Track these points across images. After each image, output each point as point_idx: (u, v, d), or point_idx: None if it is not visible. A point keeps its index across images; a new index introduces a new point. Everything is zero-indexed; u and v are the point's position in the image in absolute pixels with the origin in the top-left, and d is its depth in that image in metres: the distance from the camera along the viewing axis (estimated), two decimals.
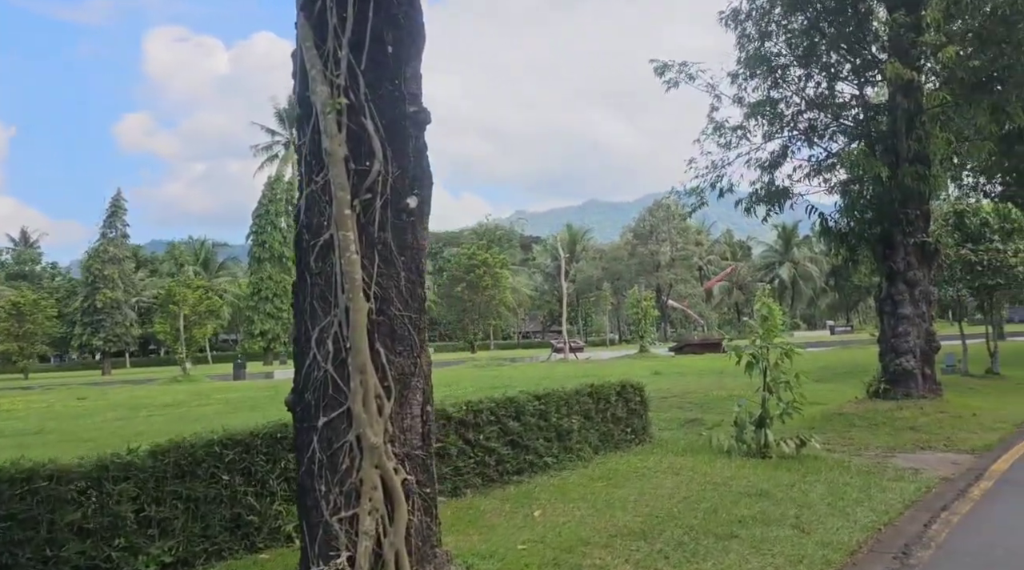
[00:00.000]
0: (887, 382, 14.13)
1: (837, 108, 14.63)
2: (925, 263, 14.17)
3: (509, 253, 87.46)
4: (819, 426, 13.09)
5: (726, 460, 9.48)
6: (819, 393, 18.54)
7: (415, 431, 4.25)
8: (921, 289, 14.03)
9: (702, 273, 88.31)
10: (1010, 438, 11.27)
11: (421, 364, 4.30)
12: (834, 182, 14.69)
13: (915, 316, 13.99)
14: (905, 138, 13.06)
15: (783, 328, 10.50)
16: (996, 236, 18.97)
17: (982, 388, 17.63)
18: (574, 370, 31.45)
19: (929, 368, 14.09)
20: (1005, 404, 14.94)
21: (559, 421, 9.64)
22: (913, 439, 11.57)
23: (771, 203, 15.00)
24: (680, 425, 13.90)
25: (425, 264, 4.40)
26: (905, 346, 13.92)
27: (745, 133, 15.10)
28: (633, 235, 76.04)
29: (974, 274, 18.88)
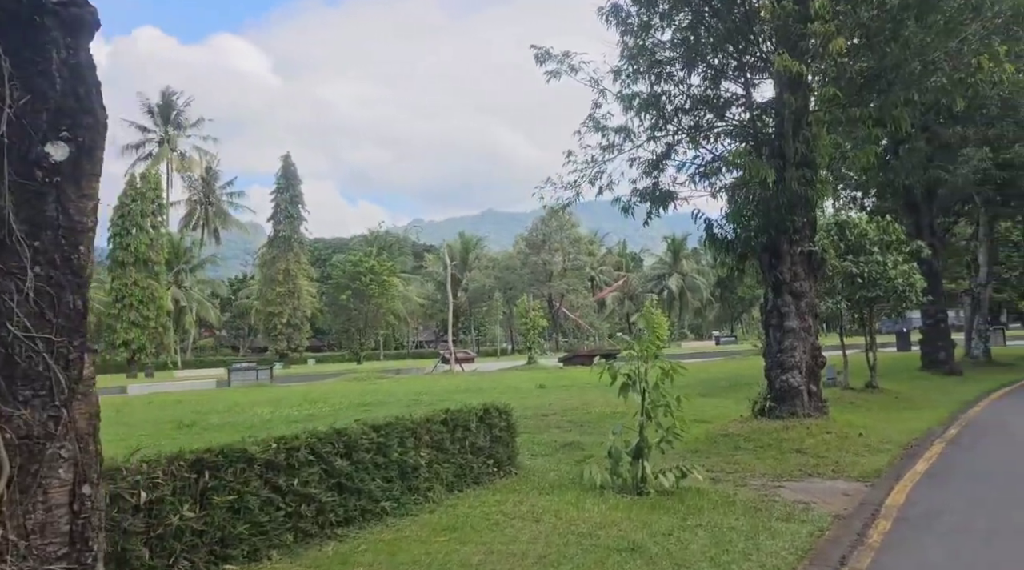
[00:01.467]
0: (773, 400, 13.29)
1: (723, 108, 13.77)
2: (811, 274, 13.47)
3: (400, 261, 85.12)
4: (704, 449, 12.07)
5: (598, 499, 8.13)
6: (704, 409, 17.75)
7: (53, 531, 2.56)
8: (807, 301, 13.30)
9: (594, 283, 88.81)
10: (898, 463, 10.51)
11: (71, 418, 2.61)
12: (720, 186, 13.81)
13: (801, 329, 13.23)
14: (792, 140, 12.28)
15: (663, 343, 9.29)
16: (876, 248, 18.80)
17: (863, 403, 17.26)
18: (457, 383, 29.89)
19: (815, 384, 13.35)
20: (888, 421, 14.44)
21: (403, 456, 8.03)
22: (800, 464, 10.65)
23: (655, 205, 13.98)
24: (556, 449, 12.58)
25: (90, 254, 2.71)
26: (791, 361, 13.13)
27: (628, 134, 14.04)
28: (526, 244, 75.41)
29: (854, 286, 18.62)
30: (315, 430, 7.30)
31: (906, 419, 14.63)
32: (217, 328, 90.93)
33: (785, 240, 13.15)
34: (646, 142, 13.64)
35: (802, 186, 12.38)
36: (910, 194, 23.32)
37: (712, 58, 13.39)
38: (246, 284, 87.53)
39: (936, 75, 11.43)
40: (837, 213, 19.50)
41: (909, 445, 11.72)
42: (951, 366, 23.31)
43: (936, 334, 23.72)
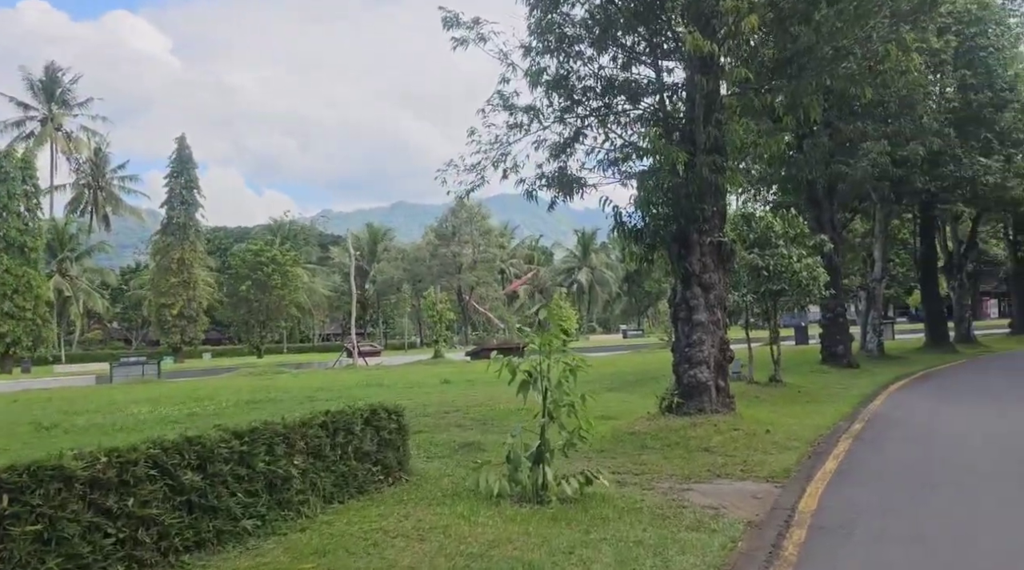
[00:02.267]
0: (681, 396, 12.83)
1: (634, 92, 13.18)
2: (721, 265, 13.07)
3: (306, 252, 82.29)
4: (610, 449, 11.47)
5: (494, 510, 7.31)
6: (610, 405, 17.25)
7: None
8: (717, 293, 12.90)
9: (504, 276, 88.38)
10: (807, 461, 10.16)
11: None
12: (629, 173, 13.22)
13: (710, 323, 12.82)
14: (703, 124, 11.80)
15: (570, 336, 8.55)
16: (781, 241, 18.77)
17: (768, 398, 17.15)
18: (358, 378, 28.59)
19: (723, 380, 12.98)
20: (794, 415, 14.27)
21: (271, 466, 6.99)
22: (708, 463, 10.17)
23: (561, 191, 13.29)
24: (455, 450, 11.74)
25: None
26: (700, 356, 12.70)
27: (537, 113, 13.28)
28: (435, 236, 74.13)
29: (760, 279, 18.54)
30: (160, 439, 6.18)
31: (811, 414, 14.51)
32: (107, 320, 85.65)
33: (695, 230, 12.70)
34: (554, 123, 12.91)
35: (713, 173, 11.93)
36: (812, 189, 23.63)
37: (623, 37, 12.76)
38: (139, 274, 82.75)
39: (847, 61, 11.16)
40: (744, 206, 19.42)
41: (816, 442, 11.45)
42: (849, 359, 23.78)
43: (836, 328, 24.16)
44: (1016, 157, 28.20)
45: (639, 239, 12.87)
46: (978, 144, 25.98)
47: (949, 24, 23.58)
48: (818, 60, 11.16)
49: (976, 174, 25.23)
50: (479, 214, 73.42)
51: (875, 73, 11.63)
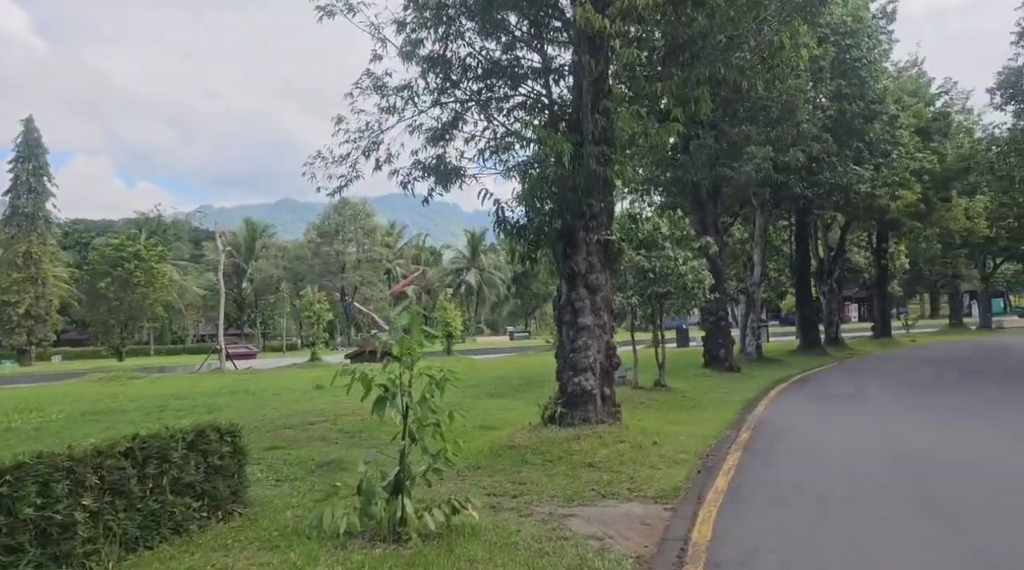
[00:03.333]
0: (564, 405, 11.91)
1: (519, 78, 12.15)
2: (608, 265, 12.25)
3: (176, 248, 77.18)
4: (486, 465, 10.38)
5: (337, 555, 6.02)
6: (492, 413, 16.23)
7: None
8: (603, 295, 12.07)
9: (390, 276, 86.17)
10: (697, 477, 9.41)
11: None
12: (513, 164, 12.20)
13: (596, 327, 11.96)
14: (591, 112, 10.90)
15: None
16: (667, 243, 18.34)
17: (654, 403, 16.59)
18: (223, 383, 26.30)
19: (609, 387, 12.16)
20: (680, 423, 13.67)
21: (45, 511, 5.45)
22: (593, 481, 9.24)
23: (440, 182, 12.10)
24: (312, 470, 10.33)
25: None
26: (585, 362, 11.82)
27: (412, 96, 12.04)
28: (317, 233, 71.13)
29: (646, 281, 18.03)
30: None
31: (697, 421, 13.96)
32: None
33: (581, 227, 11.81)
34: (431, 107, 11.71)
35: (600, 165, 11.06)
36: (697, 191, 23.54)
37: (506, 14, 11.71)
38: None
39: (741, 50, 10.57)
40: (631, 206, 18.88)
41: (705, 454, 10.77)
42: (730, 363, 23.82)
43: (718, 332, 24.16)
44: (883, 167, 29.36)
45: (522, 236, 11.86)
46: (851, 153, 26.77)
47: (827, 34, 24.06)
48: (711, 48, 10.52)
49: (850, 182, 25.97)
50: (363, 212, 71.06)
51: (767, 66, 11.12)
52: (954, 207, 40.90)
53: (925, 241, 42.92)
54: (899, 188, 31.38)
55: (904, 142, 30.41)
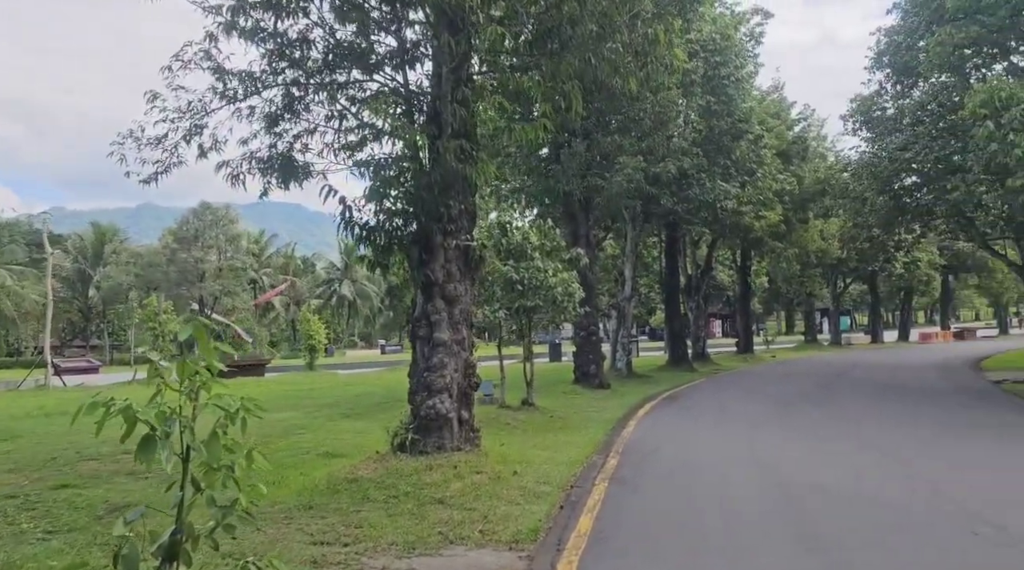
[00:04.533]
0: (417, 431, 10.59)
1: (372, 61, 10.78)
2: (468, 275, 11.07)
3: (9, 250, 69.81)
4: (320, 504, 8.87)
5: None
6: (342, 436, 14.67)
7: None
8: (462, 308, 10.86)
9: (257, 287, 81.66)
10: (559, 515, 8.33)
11: None
12: (363, 160, 10.77)
13: (454, 342, 10.73)
14: (451, 100, 9.71)
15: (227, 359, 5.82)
16: (537, 254, 17.43)
17: (520, 424, 15.54)
18: (35, 403, 23.01)
19: (467, 410, 10.94)
20: (545, 448, 12.63)
21: None
22: (442, 522, 7.96)
23: (282, 177, 10.54)
24: (98, 517, 8.52)
25: None
26: (441, 382, 10.54)
27: (248, 78, 10.42)
28: (174, 239, 66.20)
29: (514, 293, 17.02)
30: None
31: (564, 445, 12.97)
32: None
33: (439, 231, 10.57)
34: (264, 89, 10.15)
35: (460, 162, 9.87)
36: (569, 202, 22.90)
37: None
38: None
39: (613, 41, 9.71)
40: (500, 214, 17.86)
41: (570, 485, 9.72)
42: (601, 380, 23.25)
43: (589, 347, 23.56)
44: (748, 186, 30.01)
45: (372, 240, 10.46)
46: (719, 170, 27.09)
47: (697, 50, 24.16)
48: (582, 38, 9.59)
49: (717, 198, 26.22)
50: (226, 217, 66.84)
51: (641, 63, 10.35)
52: (811, 228, 42.80)
53: (786, 260, 44.69)
54: (763, 207, 32.25)
55: (767, 162, 31.28)
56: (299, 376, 35.02)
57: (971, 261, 64.96)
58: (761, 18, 31.88)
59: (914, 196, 28.78)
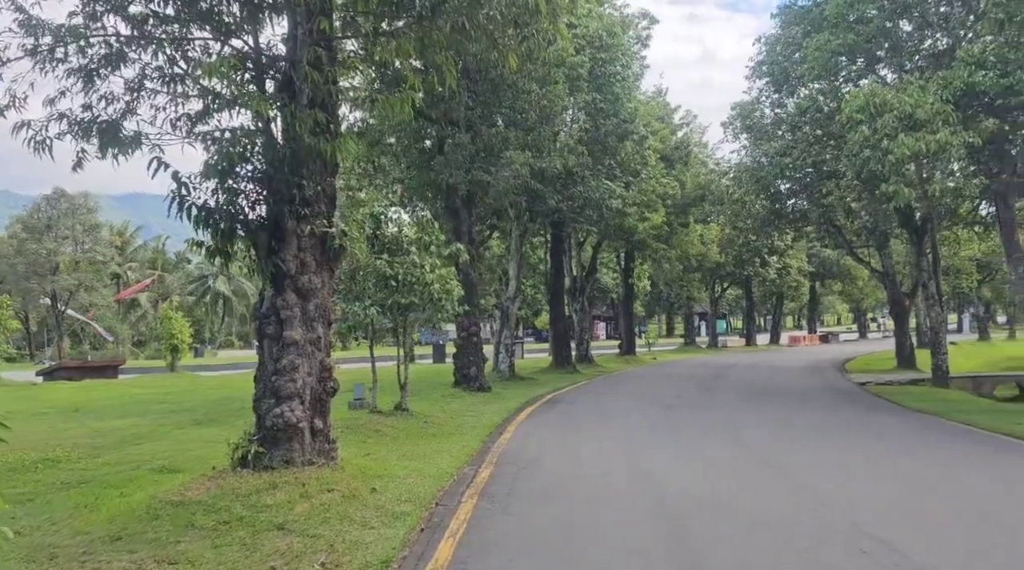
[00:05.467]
0: (263, 442, 9.23)
1: (212, 15, 9.32)
2: (326, 266, 9.80)
3: None
4: (133, 533, 7.41)
5: None
6: (188, 447, 13.08)
7: None
8: (318, 303, 9.58)
9: (121, 282, 75.92)
10: (417, 539, 7.26)
11: None
12: (205, 131, 9.29)
13: (307, 342, 9.45)
14: (307, 64, 8.45)
15: None
16: (414, 248, 16.28)
17: (390, 431, 14.33)
18: None
19: (322, 419, 9.66)
20: (414, 458, 11.50)
21: None
22: (277, 553, 6.73)
23: (102, 145, 8.91)
24: None
25: None
26: (291, 387, 9.23)
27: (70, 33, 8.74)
28: (23, 228, 60.34)
29: (388, 290, 15.79)
30: None
31: (435, 454, 11.88)
32: None
33: (291, 215, 9.26)
34: (75, 40, 8.52)
35: (315, 135, 8.62)
36: (452, 196, 21.82)
37: None
38: None
39: (490, 6, 8.73)
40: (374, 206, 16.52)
41: (434, 503, 8.65)
42: (481, 382, 22.29)
43: (470, 348, 22.54)
44: (633, 186, 29.96)
45: (210, 222, 9.01)
46: (604, 169, 26.81)
47: (583, 45, 23.71)
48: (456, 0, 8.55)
49: (603, 197, 25.89)
50: (84, 206, 61.61)
51: (521, 36, 9.44)
52: (692, 232, 43.63)
53: (668, 263, 45.40)
54: (647, 209, 32.34)
55: (652, 164, 31.39)
56: (158, 379, 32.24)
57: (836, 268, 68.72)
58: (648, 23, 32.00)
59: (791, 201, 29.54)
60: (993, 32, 15.21)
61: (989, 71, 14.57)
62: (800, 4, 25.16)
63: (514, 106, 20.96)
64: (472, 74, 20.64)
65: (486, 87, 20.67)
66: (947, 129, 14.24)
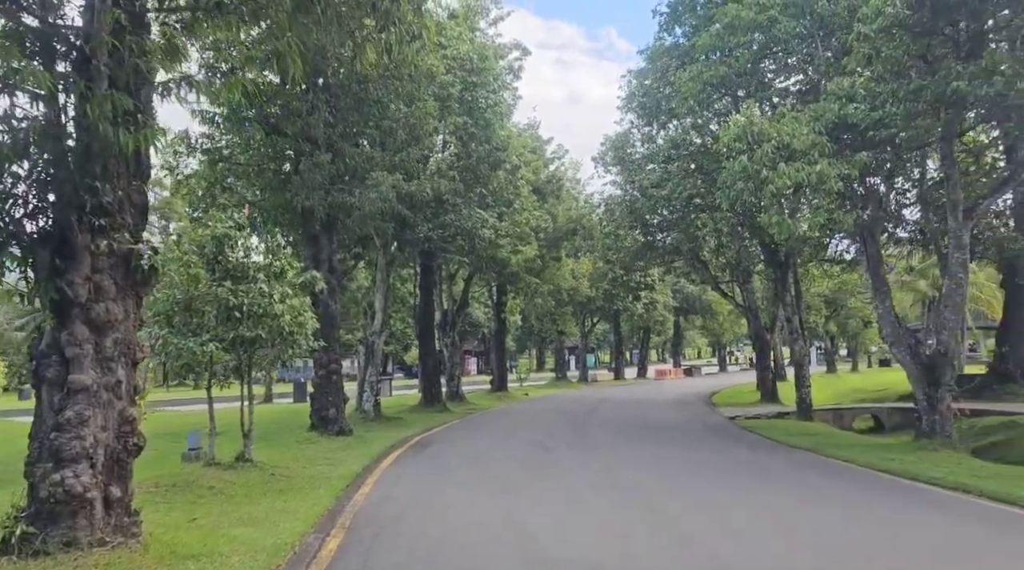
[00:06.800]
0: (35, 519, 7.11)
1: None
2: (131, 292, 7.86)
3: None
4: None
5: None
6: None
7: None
8: (118, 337, 7.61)
9: None
10: None
11: None
12: None
13: (103, 387, 7.45)
14: (107, 39, 6.65)
15: None
16: (262, 275, 14.32)
17: (227, 488, 12.22)
18: None
19: (120, 486, 7.63)
20: (251, 522, 9.56)
21: None
22: None
23: None
24: None
25: None
26: (77, 447, 7.19)
27: None
28: None
29: (231, 322, 13.73)
30: None
31: (276, 517, 9.96)
32: None
33: (82, 227, 7.31)
34: None
35: (115, 125, 6.80)
36: (310, 221, 19.87)
37: None
38: None
39: None
40: (215, 227, 14.40)
41: None
42: (341, 425, 20.20)
43: (329, 387, 20.44)
44: (506, 217, 29.04)
45: None
46: (475, 197, 25.72)
47: (454, 67, 22.64)
48: None
49: (475, 226, 24.70)
50: None
51: (381, 24, 8.04)
52: (563, 266, 43.32)
53: (540, 297, 44.83)
54: (520, 241, 31.50)
55: (524, 195, 30.65)
56: None
57: (698, 304, 71.06)
58: (520, 54, 31.46)
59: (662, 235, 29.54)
60: (861, 66, 15.33)
61: (860, 104, 14.56)
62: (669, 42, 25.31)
63: (380, 125, 19.44)
64: (333, 89, 19.01)
65: (349, 103, 19.06)
66: (825, 160, 14.04)
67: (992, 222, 23.82)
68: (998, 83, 13.02)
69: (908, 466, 13.78)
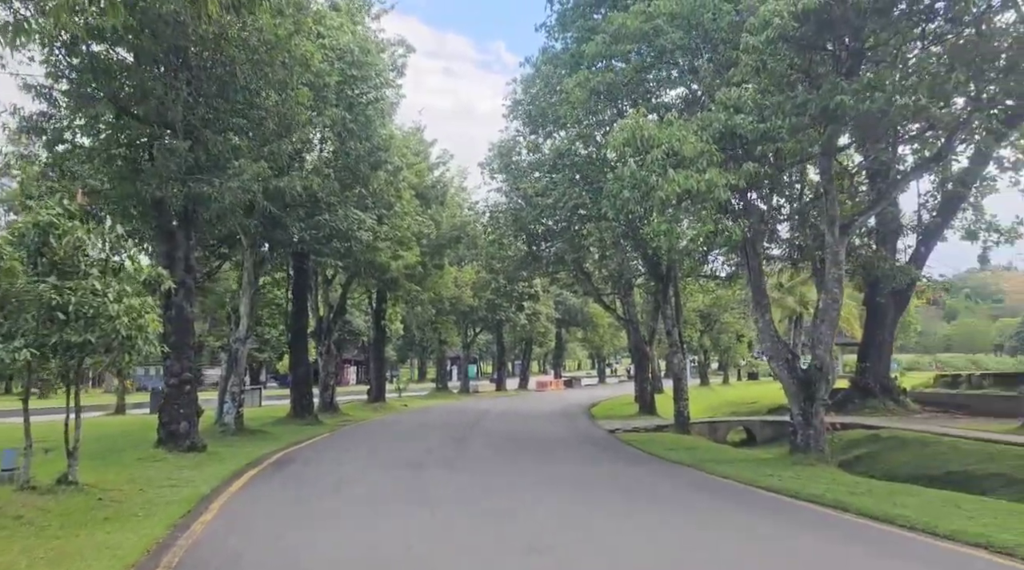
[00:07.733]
0: None
1: None
2: None
3: None
4: None
5: None
6: None
7: None
8: None
9: None
10: None
11: None
12: None
13: None
14: None
15: None
16: (95, 270, 12.49)
17: (39, 517, 10.42)
18: None
19: None
20: (52, 564, 7.98)
21: None
22: None
23: None
24: None
25: None
26: None
27: None
28: None
29: (55, 324, 11.84)
30: None
31: (91, 555, 8.40)
32: None
33: None
34: None
35: None
36: (164, 214, 17.90)
37: None
38: None
39: None
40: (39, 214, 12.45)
41: None
42: (193, 440, 18.19)
43: (179, 399, 18.36)
44: (386, 220, 27.76)
45: None
46: (353, 197, 24.31)
47: (332, 57, 21.22)
48: None
49: (351, 227, 23.27)
50: None
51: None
52: (446, 274, 42.30)
53: (421, 305, 43.57)
54: (400, 246, 30.24)
55: (406, 199, 29.47)
56: None
57: (580, 316, 71.78)
58: (404, 50, 30.27)
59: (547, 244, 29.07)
60: (748, 78, 15.24)
61: (748, 115, 14.42)
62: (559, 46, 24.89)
63: (248, 114, 17.78)
64: (196, 70, 17.21)
65: (212, 88, 17.31)
66: (714, 169, 13.76)
67: (856, 242, 24.83)
68: (879, 99, 13.17)
69: (787, 482, 13.63)
